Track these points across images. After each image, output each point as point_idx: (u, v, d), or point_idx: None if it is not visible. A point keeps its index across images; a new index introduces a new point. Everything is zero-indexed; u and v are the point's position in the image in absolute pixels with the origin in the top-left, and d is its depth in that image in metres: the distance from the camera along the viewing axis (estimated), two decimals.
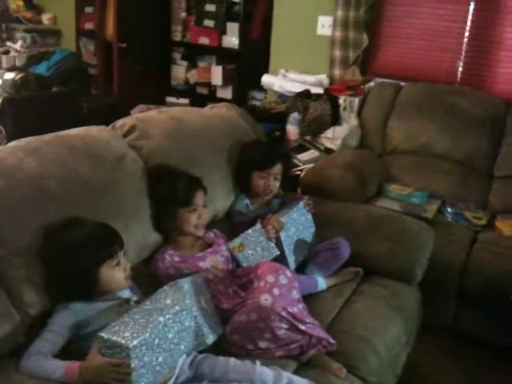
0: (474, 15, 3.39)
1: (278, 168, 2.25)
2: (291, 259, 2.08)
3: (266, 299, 1.61)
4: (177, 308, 1.43)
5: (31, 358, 1.34)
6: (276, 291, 1.63)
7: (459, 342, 2.60)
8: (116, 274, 1.48)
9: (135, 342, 1.28)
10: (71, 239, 1.44)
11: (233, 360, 1.54)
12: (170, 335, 1.40)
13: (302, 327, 1.65)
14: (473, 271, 2.52)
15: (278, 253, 2.01)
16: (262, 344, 1.63)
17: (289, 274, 1.72)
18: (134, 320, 1.35)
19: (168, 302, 1.44)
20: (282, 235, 2.05)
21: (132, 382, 1.30)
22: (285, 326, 1.63)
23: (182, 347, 1.47)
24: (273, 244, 2.00)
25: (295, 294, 1.70)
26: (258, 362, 1.55)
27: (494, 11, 3.34)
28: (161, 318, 1.37)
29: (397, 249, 2.21)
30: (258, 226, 2.01)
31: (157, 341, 1.35)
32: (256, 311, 1.61)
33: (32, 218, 1.47)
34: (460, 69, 3.51)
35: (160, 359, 1.37)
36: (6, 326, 1.37)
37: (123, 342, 1.28)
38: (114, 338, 1.29)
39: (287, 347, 1.65)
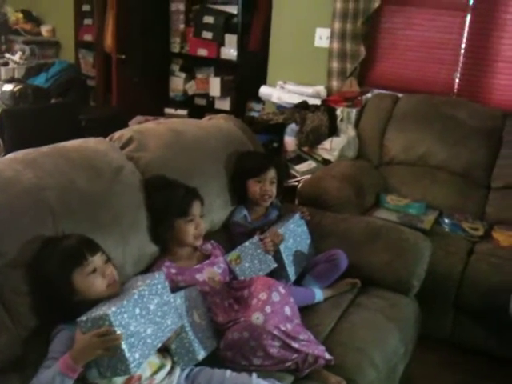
0: (470, 27, 3.42)
1: (272, 172, 2.26)
2: (291, 270, 2.08)
3: (257, 317, 1.60)
4: (148, 281, 1.45)
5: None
6: (268, 309, 1.62)
7: (457, 353, 2.59)
8: (91, 281, 1.43)
9: (113, 309, 1.30)
10: (41, 257, 1.43)
11: (229, 372, 1.54)
12: (151, 306, 1.41)
13: (295, 345, 1.63)
14: (470, 282, 2.52)
15: (276, 265, 2.00)
16: (256, 361, 1.62)
17: (282, 290, 1.71)
18: (108, 302, 1.38)
19: (139, 283, 1.46)
20: (281, 247, 2.05)
21: (124, 350, 1.31)
22: (277, 343, 1.61)
23: (169, 322, 1.47)
24: (270, 257, 1.99)
25: (287, 311, 1.68)
26: (254, 375, 1.54)
27: (491, 23, 3.36)
28: (134, 291, 1.40)
29: (394, 260, 2.21)
30: (256, 238, 2.01)
31: (137, 310, 1.37)
32: (248, 330, 1.60)
33: (30, 230, 1.46)
34: (457, 80, 3.53)
35: (149, 331, 1.39)
36: (2, 339, 1.37)
37: (101, 312, 1.30)
38: (93, 315, 1.31)
39: (282, 365, 1.64)
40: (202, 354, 1.60)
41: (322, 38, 3.78)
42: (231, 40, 4.64)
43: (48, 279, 1.41)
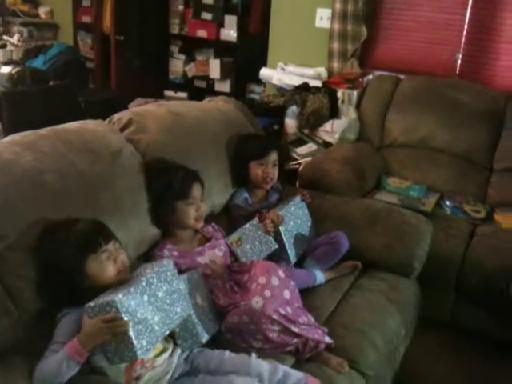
0: (473, 7, 3.38)
1: (274, 155, 2.26)
2: (292, 253, 2.07)
3: (256, 302, 1.60)
4: (156, 269, 1.45)
5: (41, 367, 1.32)
6: (267, 293, 1.62)
7: (457, 336, 2.60)
8: (104, 267, 1.43)
9: (120, 295, 1.31)
10: (53, 241, 1.43)
11: (228, 353, 1.54)
12: (159, 294, 1.41)
13: (295, 329, 1.63)
14: (471, 264, 2.52)
15: (277, 246, 2.00)
16: (256, 344, 1.62)
17: (281, 274, 1.70)
18: (117, 288, 1.38)
19: (148, 270, 1.46)
20: (282, 229, 2.04)
21: (131, 337, 1.31)
22: (277, 328, 1.60)
23: (178, 310, 1.47)
24: (271, 238, 1.99)
25: (287, 295, 1.67)
26: (253, 355, 1.55)
27: (494, 3, 3.32)
28: (142, 278, 1.40)
29: (395, 242, 2.20)
30: (256, 220, 2.01)
31: (146, 297, 1.37)
32: (247, 314, 1.60)
33: (30, 213, 1.45)
34: (459, 61, 3.50)
35: (156, 318, 1.39)
36: (4, 322, 1.37)
37: (109, 298, 1.30)
38: (100, 301, 1.31)
39: (282, 349, 1.64)
40: (205, 337, 1.60)
41: (323, 18, 3.74)
42: (231, 21, 4.61)
43: (60, 264, 1.40)
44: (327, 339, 1.70)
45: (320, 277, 2.07)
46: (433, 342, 2.55)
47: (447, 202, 2.88)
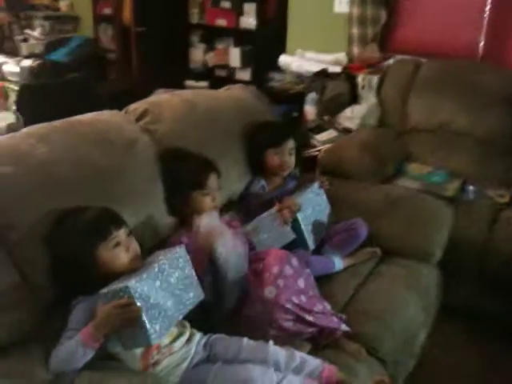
0: None
1: (291, 143, 2.24)
2: (310, 240, 2.06)
3: (269, 292, 1.59)
4: (168, 255, 1.46)
5: (56, 353, 1.34)
6: (281, 282, 1.61)
7: (480, 323, 2.55)
8: (115, 255, 1.44)
9: (133, 281, 1.32)
10: (63, 229, 1.44)
11: (246, 340, 1.54)
12: (171, 280, 1.43)
13: (310, 318, 1.62)
14: (494, 249, 2.47)
15: (294, 237, 1.97)
16: (271, 332, 1.61)
17: (295, 262, 1.69)
18: (129, 275, 1.40)
19: (160, 257, 1.47)
20: (300, 216, 2.02)
21: (144, 321, 1.33)
22: (291, 317, 1.60)
23: (191, 295, 1.48)
24: (288, 228, 1.95)
25: (301, 283, 1.67)
26: (270, 342, 1.54)
27: None
28: (155, 264, 1.42)
29: (415, 228, 2.18)
30: (274, 209, 1.97)
31: (158, 283, 1.38)
32: (261, 304, 1.60)
33: (44, 204, 1.47)
34: (481, 44, 3.42)
35: (169, 304, 1.40)
36: (23, 311, 1.40)
37: (122, 284, 1.32)
38: (114, 287, 1.33)
39: (298, 337, 1.64)
40: None
41: (342, 2, 3.70)
42: (250, 9, 4.58)
43: (71, 252, 1.42)
44: (343, 327, 1.68)
45: (339, 263, 2.06)
46: (451, 329, 2.50)
47: (470, 187, 2.83)
